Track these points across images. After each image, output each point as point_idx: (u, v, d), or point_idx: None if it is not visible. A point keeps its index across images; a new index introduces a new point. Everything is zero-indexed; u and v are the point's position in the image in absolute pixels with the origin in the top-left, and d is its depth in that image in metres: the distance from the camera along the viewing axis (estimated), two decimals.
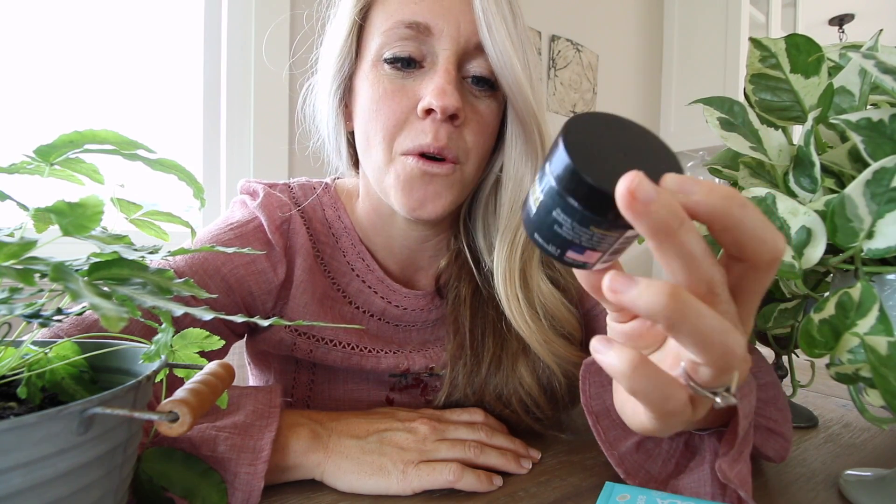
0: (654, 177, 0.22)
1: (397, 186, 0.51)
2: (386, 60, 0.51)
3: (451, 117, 0.49)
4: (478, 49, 0.50)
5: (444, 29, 0.49)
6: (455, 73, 0.49)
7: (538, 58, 1.92)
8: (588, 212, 0.22)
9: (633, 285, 0.22)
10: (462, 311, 0.59)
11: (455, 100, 0.48)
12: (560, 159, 0.22)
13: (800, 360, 0.58)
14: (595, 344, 0.25)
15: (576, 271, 0.27)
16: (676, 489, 0.42)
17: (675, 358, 0.27)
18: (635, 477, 0.43)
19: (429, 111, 0.49)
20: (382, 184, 0.53)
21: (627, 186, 0.20)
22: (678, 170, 0.23)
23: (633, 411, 0.31)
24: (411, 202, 0.51)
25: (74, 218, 0.25)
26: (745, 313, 0.26)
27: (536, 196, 0.25)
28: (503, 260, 0.55)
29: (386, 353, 0.59)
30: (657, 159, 0.24)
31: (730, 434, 0.39)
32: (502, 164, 0.56)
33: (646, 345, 0.30)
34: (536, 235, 0.25)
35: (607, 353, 0.24)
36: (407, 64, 0.50)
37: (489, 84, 0.52)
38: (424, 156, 0.50)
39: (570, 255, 0.25)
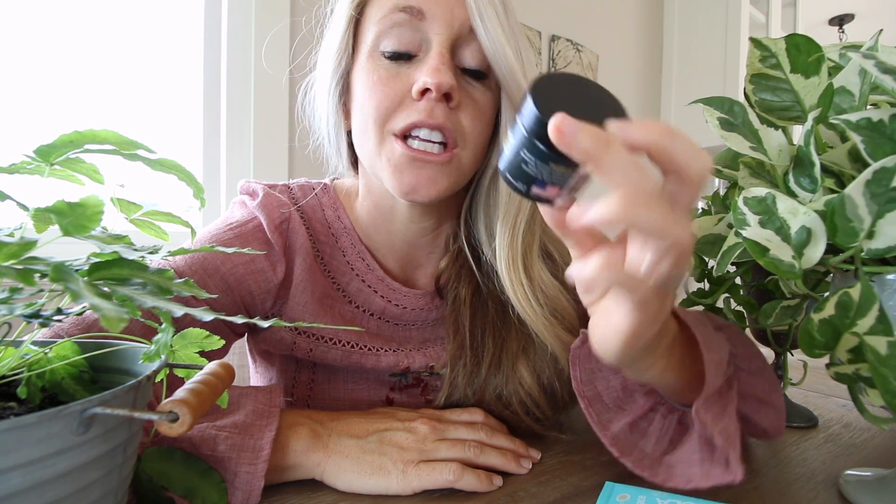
0: (602, 118, 0.27)
1: (389, 170, 0.51)
2: (383, 53, 0.51)
3: (447, 98, 0.50)
4: (471, 35, 0.51)
5: (437, 13, 0.50)
6: (449, 56, 0.50)
7: (533, 52, 1.92)
8: (547, 149, 0.27)
9: (590, 206, 0.27)
10: (462, 310, 0.59)
11: (450, 77, 0.48)
12: (527, 106, 0.27)
13: (793, 358, 0.59)
14: (573, 267, 0.30)
15: (542, 212, 0.32)
16: (670, 464, 0.42)
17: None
18: (629, 455, 0.43)
19: (423, 92, 0.49)
20: (376, 168, 0.53)
21: (554, 123, 0.26)
22: (623, 115, 0.29)
23: (608, 327, 0.34)
24: (403, 185, 0.51)
25: (74, 218, 0.25)
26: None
27: (509, 140, 0.29)
28: (505, 246, 0.55)
29: (386, 351, 0.59)
30: (607, 108, 0.29)
31: (706, 387, 0.39)
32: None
33: None
34: (507, 174, 0.30)
35: (584, 265, 0.29)
36: (403, 56, 0.51)
37: (483, 74, 0.52)
38: (417, 138, 0.50)
39: (535, 190, 0.30)
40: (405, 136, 0.51)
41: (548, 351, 0.56)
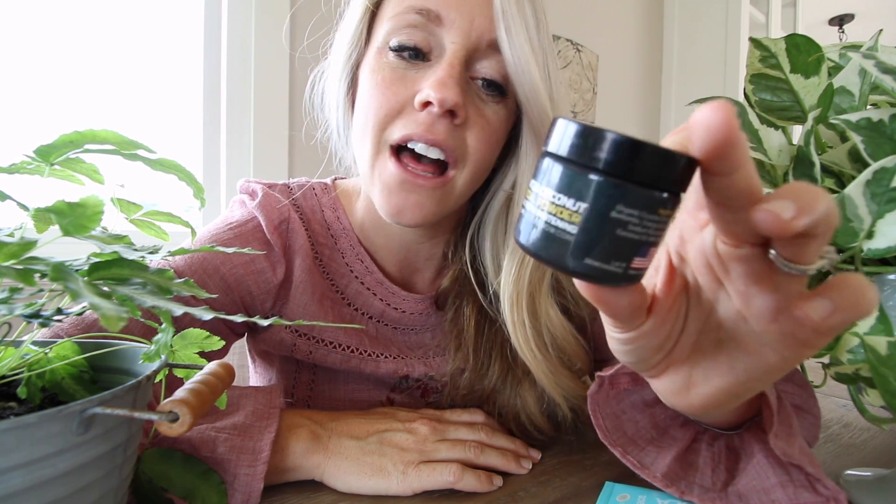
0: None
1: (379, 187, 0.50)
2: (391, 48, 0.48)
3: (451, 114, 0.46)
4: (490, 48, 0.47)
5: (455, 20, 0.46)
6: (460, 69, 0.46)
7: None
8: (659, 189, 0.20)
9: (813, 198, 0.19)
10: (466, 328, 0.57)
11: (455, 94, 0.45)
12: (606, 145, 0.20)
13: (809, 360, 0.58)
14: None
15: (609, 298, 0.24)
16: (742, 494, 0.39)
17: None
18: (691, 493, 0.39)
19: (426, 104, 0.46)
20: (368, 182, 0.52)
21: (723, 117, 0.18)
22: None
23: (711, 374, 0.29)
24: (390, 207, 0.49)
25: (74, 218, 0.25)
26: None
27: (570, 213, 0.21)
28: (510, 283, 0.51)
29: (385, 357, 0.59)
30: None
31: (766, 411, 0.37)
32: (514, 181, 0.53)
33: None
34: (590, 260, 0.21)
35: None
36: (413, 55, 0.48)
37: (499, 89, 0.49)
38: (412, 152, 0.48)
39: (637, 262, 0.21)
40: (400, 148, 0.48)
41: None
